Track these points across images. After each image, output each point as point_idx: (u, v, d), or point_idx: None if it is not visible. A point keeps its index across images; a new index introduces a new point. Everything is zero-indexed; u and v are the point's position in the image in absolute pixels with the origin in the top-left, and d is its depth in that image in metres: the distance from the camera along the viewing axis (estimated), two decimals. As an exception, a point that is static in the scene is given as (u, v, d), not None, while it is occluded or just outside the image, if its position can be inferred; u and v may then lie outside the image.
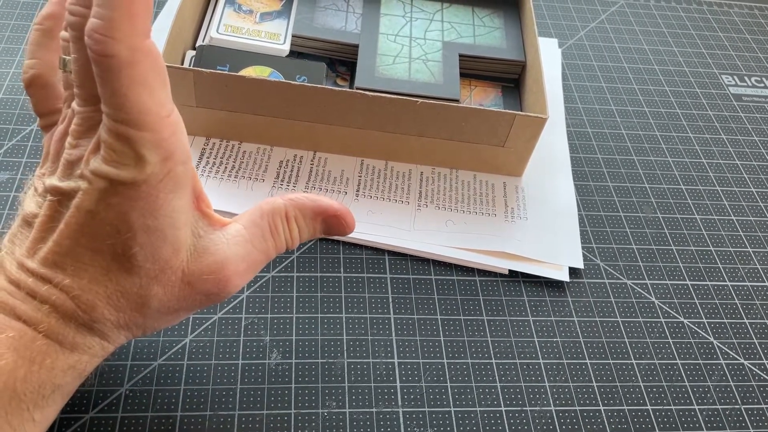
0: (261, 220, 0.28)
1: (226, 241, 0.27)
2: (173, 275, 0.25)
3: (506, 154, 0.43)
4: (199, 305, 0.27)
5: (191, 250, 0.26)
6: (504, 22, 0.50)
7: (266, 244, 0.28)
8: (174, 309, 0.26)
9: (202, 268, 0.26)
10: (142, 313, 0.26)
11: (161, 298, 0.26)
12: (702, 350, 0.38)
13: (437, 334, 0.36)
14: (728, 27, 0.61)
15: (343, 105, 0.40)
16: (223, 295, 0.27)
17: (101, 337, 0.26)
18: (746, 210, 0.45)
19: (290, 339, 0.35)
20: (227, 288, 0.27)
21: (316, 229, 0.29)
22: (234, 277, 0.27)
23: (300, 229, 0.29)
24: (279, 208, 0.28)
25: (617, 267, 0.41)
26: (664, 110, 0.52)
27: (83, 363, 0.25)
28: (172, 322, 0.28)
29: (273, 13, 0.47)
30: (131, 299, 0.25)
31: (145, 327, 0.27)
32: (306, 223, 0.29)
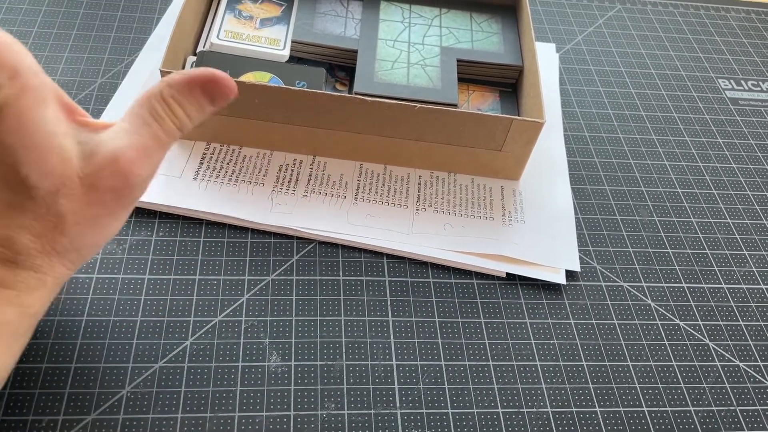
0: (139, 108, 0.28)
1: (111, 138, 0.27)
2: (72, 185, 0.26)
3: (504, 158, 0.43)
4: (115, 206, 0.27)
5: (81, 156, 0.26)
6: (502, 27, 0.50)
7: (151, 129, 0.28)
8: (92, 217, 0.27)
9: (97, 167, 0.26)
10: (62, 231, 0.26)
11: (72, 209, 0.26)
12: (698, 352, 0.38)
13: (435, 336, 0.36)
14: (725, 31, 0.62)
15: (342, 110, 0.41)
16: (130, 187, 0.27)
17: (33, 269, 0.26)
18: (742, 213, 0.46)
19: (290, 341, 0.35)
20: (130, 178, 0.27)
21: (200, 102, 0.29)
22: (130, 166, 0.27)
23: (183, 106, 0.28)
24: (154, 92, 0.28)
25: (614, 270, 0.41)
26: (660, 114, 0.52)
27: (22, 299, 0.26)
28: (103, 235, 0.28)
29: (273, 19, 0.48)
30: (44, 222, 0.25)
31: (76, 247, 0.27)
32: (185, 98, 0.28)
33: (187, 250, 0.38)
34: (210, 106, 0.29)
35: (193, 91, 0.29)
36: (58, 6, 0.52)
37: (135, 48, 0.49)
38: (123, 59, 0.48)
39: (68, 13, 0.51)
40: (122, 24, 0.51)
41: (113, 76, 0.47)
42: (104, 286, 0.36)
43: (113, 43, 0.50)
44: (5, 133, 0.24)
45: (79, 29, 0.50)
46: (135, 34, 0.50)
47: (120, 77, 0.47)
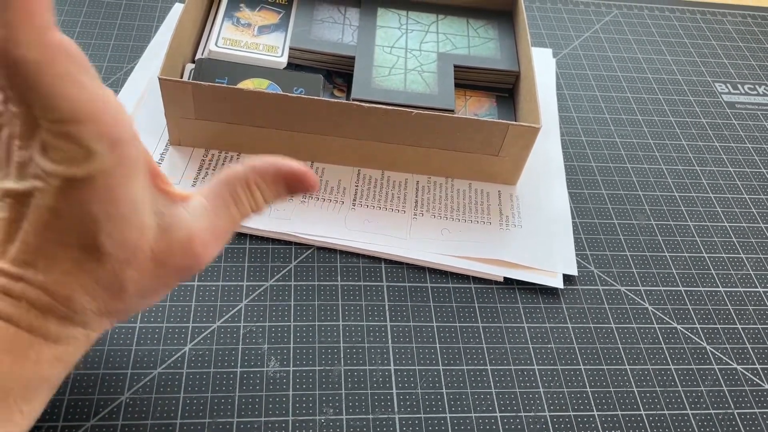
0: (222, 189, 0.28)
1: (190, 214, 0.27)
2: (143, 257, 0.25)
3: (501, 162, 0.43)
4: (175, 280, 0.27)
5: (157, 229, 0.26)
6: (498, 33, 0.50)
7: (230, 213, 0.28)
8: (152, 289, 0.27)
9: (171, 244, 0.26)
10: (121, 298, 0.26)
11: (136, 280, 0.26)
12: (695, 356, 0.38)
13: (433, 341, 0.37)
14: (721, 35, 0.62)
15: (340, 116, 0.41)
16: (196, 267, 0.27)
17: (84, 326, 0.26)
18: (739, 216, 0.46)
19: (288, 347, 0.35)
20: (198, 260, 0.27)
21: (280, 192, 0.29)
22: (203, 249, 0.27)
23: (263, 194, 0.29)
24: (239, 176, 0.28)
25: (611, 274, 0.41)
26: (657, 118, 0.52)
27: (69, 354, 0.26)
28: (153, 300, 0.28)
29: (271, 26, 0.48)
30: (107, 287, 0.25)
31: (127, 310, 0.27)
32: (268, 187, 0.29)
33: (185, 256, 0.38)
34: (287, 195, 0.30)
35: (277, 181, 0.29)
36: (57, 15, 0.52)
37: (134, 56, 0.50)
38: (122, 67, 0.49)
39: (67, 22, 0.52)
40: (121, 32, 0.52)
41: (112, 84, 0.47)
42: (103, 292, 0.36)
43: (112, 51, 0.50)
44: (92, 202, 0.24)
45: (78, 37, 0.50)
46: (134, 42, 0.51)
47: (119, 85, 0.47)
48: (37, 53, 0.20)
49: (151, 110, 0.45)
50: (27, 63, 0.20)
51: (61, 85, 0.21)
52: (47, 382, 0.25)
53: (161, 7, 0.54)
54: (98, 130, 0.22)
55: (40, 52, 0.20)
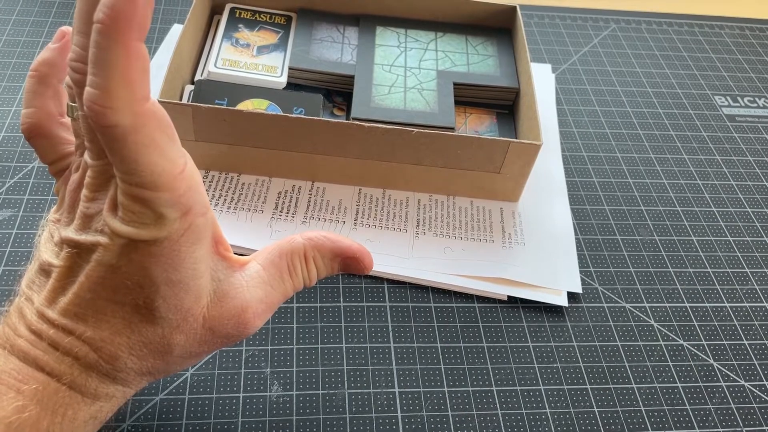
0: (280, 260, 0.28)
1: (246, 283, 0.27)
2: (195, 323, 0.25)
3: (502, 180, 0.43)
4: (219, 346, 0.27)
5: (212, 296, 0.26)
6: (497, 49, 0.50)
7: (284, 285, 0.28)
8: (196, 353, 0.27)
9: (223, 312, 0.26)
10: (165, 360, 0.26)
11: (183, 345, 0.26)
12: (702, 373, 0.38)
13: (437, 362, 0.36)
14: (720, 48, 0.62)
15: (340, 136, 0.41)
16: (243, 336, 0.27)
17: (123, 384, 0.26)
18: (743, 230, 0.46)
19: (291, 371, 0.35)
20: (247, 329, 0.27)
21: (334, 268, 0.29)
22: (254, 319, 0.27)
23: (318, 269, 0.29)
24: (298, 248, 0.28)
25: (615, 291, 0.41)
26: (658, 132, 0.52)
27: (105, 411, 0.26)
28: (194, 363, 0.28)
29: (270, 47, 0.48)
30: (153, 348, 0.25)
31: (167, 371, 0.27)
32: (324, 263, 0.29)
33: (186, 279, 0.38)
34: (339, 272, 0.30)
35: (334, 258, 0.29)
36: (57, 37, 0.52)
37: (133, 77, 0.50)
38: (121, 89, 0.49)
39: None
40: (120, 54, 0.52)
41: (112, 106, 0.47)
42: (104, 317, 0.36)
43: (111, 73, 0.50)
44: (155, 265, 0.23)
45: (78, 60, 0.50)
46: (133, 64, 0.51)
47: (118, 107, 0.47)
48: (130, 120, 0.21)
49: (150, 132, 0.45)
50: (120, 129, 0.21)
51: (146, 152, 0.21)
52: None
53: (159, 29, 0.54)
54: (172, 199, 0.22)
55: (133, 119, 0.21)
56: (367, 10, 0.51)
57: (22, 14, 0.54)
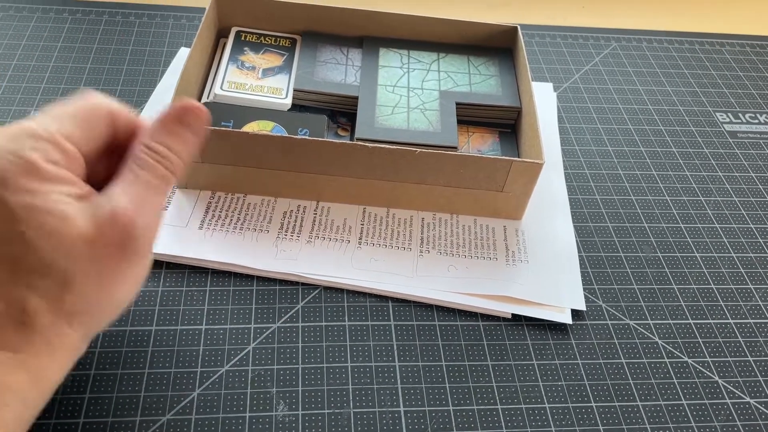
0: (126, 164, 0.29)
1: (108, 196, 0.28)
2: (72, 243, 0.26)
3: (505, 198, 0.44)
4: (119, 259, 0.27)
5: (83, 218, 0.27)
6: (499, 69, 0.51)
7: (142, 178, 0.29)
8: (97, 273, 0.27)
9: (97, 224, 0.27)
10: (69, 288, 0.26)
11: (76, 266, 0.26)
12: (707, 390, 0.38)
13: (442, 380, 0.36)
14: (720, 65, 0.63)
15: (345, 156, 0.41)
16: (132, 239, 0.27)
17: (41, 331, 0.26)
18: (746, 246, 0.46)
19: (296, 390, 0.35)
20: (130, 229, 0.27)
21: (182, 135, 0.31)
22: (129, 217, 0.27)
23: (168, 146, 0.30)
24: (134, 145, 0.30)
25: (619, 308, 0.41)
26: (660, 149, 0.53)
27: (31, 363, 0.26)
28: (111, 295, 0.28)
29: (275, 69, 0.49)
30: (50, 279, 0.26)
31: (85, 307, 0.27)
32: (166, 138, 0.30)
33: (193, 299, 0.38)
34: (191, 135, 0.31)
35: (169, 127, 0.30)
36: (65, 62, 0.53)
37: (141, 100, 0.50)
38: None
39: (75, 69, 0.53)
40: (128, 77, 0.52)
41: (119, 129, 0.48)
42: (111, 339, 0.36)
43: (119, 96, 0.51)
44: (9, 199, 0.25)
45: (86, 84, 0.51)
46: (141, 87, 0.52)
47: (126, 129, 0.48)
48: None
49: (157, 154, 0.46)
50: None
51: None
52: (14, 394, 0.25)
53: (167, 52, 0.55)
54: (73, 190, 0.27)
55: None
56: (370, 32, 0.52)
57: (32, 39, 0.55)
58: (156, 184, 0.29)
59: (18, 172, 0.26)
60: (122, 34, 0.57)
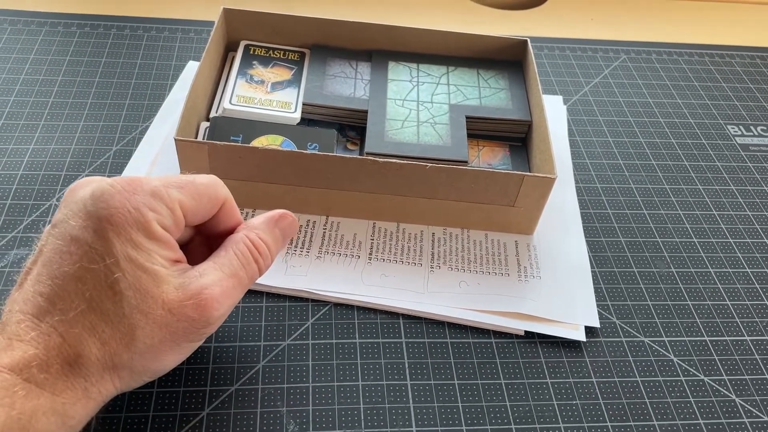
0: (226, 249, 0.31)
1: (199, 273, 0.29)
2: (154, 304, 0.27)
3: (517, 213, 0.43)
4: (183, 335, 0.28)
5: (169, 283, 0.28)
6: (509, 83, 0.51)
7: (234, 269, 0.30)
8: (159, 341, 0.28)
9: (180, 296, 0.28)
10: (128, 345, 0.27)
11: (144, 327, 0.27)
12: (724, 409, 0.37)
13: (455, 400, 0.36)
14: (731, 77, 0.62)
15: (354, 171, 0.41)
16: (205, 320, 0.29)
17: (84, 377, 0.26)
18: (761, 262, 0.45)
19: (307, 409, 0.35)
20: (208, 312, 0.28)
21: (277, 237, 0.33)
22: (212, 301, 0.29)
23: (266, 242, 0.32)
24: (239, 236, 0.32)
25: (633, 324, 0.41)
26: (671, 163, 0.52)
27: (67, 408, 0.26)
28: (160, 362, 0.29)
29: (284, 83, 0.48)
30: (115, 329, 0.27)
31: (131, 367, 0.28)
32: (267, 235, 0.33)
33: (202, 316, 0.38)
34: (283, 240, 0.34)
35: (272, 227, 0.33)
36: (74, 76, 0.53)
37: (149, 114, 0.50)
38: (138, 126, 0.49)
39: (83, 83, 0.52)
40: (136, 91, 0.52)
41: (128, 143, 0.48)
42: (120, 356, 0.36)
43: (128, 110, 0.51)
44: (116, 235, 0.27)
45: (95, 98, 0.51)
46: (149, 101, 0.52)
47: (135, 144, 0.48)
48: None
49: (166, 168, 0.45)
50: None
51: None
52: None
53: (175, 66, 0.55)
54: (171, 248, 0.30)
55: None
56: (379, 46, 0.52)
57: (40, 53, 0.55)
58: (243, 281, 0.31)
59: (133, 225, 0.27)
60: (130, 48, 0.57)
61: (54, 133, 0.48)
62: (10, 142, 0.47)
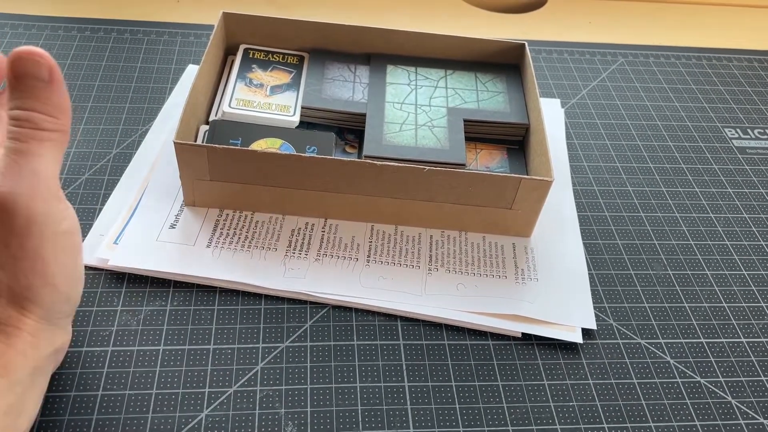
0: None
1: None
2: None
3: (514, 216, 0.43)
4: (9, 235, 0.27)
5: None
6: (506, 86, 0.51)
7: (7, 147, 0.27)
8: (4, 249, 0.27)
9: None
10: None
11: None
12: (721, 410, 0.37)
13: (452, 401, 0.36)
14: (728, 80, 0.63)
15: (353, 174, 0.41)
16: (11, 212, 0.27)
17: None
18: (757, 264, 0.46)
19: (305, 411, 0.35)
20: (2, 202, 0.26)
21: (27, 88, 0.28)
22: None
23: (18, 106, 0.28)
24: None
25: (630, 326, 0.41)
26: (669, 165, 0.53)
27: None
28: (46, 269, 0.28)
29: (283, 86, 0.49)
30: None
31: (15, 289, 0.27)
32: (12, 95, 0.28)
33: (201, 318, 0.38)
34: (39, 81, 0.28)
35: (14, 87, 0.28)
36: (74, 79, 0.53)
37: (149, 117, 0.51)
38: (138, 129, 0.50)
39: (84, 86, 0.53)
40: (136, 95, 0.53)
41: (128, 146, 0.48)
42: (119, 359, 0.36)
43: (127, 113, 0.51)
44: None
45: (94, 101, 0.52)
46: (149, 104, 0.52)
47: (135, 147, 0.48)
48: None
49: (165, 172, 0.46)
50: None
51: None
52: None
53: (175, 69, 0.56)
54: None
55: None
56: (377, 49, 0.52)
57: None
58: (28, 148, 0.27)
59: None
60: (130, 52, 0.57)
61: (54, 137, 0.48)
62: (10, 145, 0.47)
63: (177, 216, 0.43)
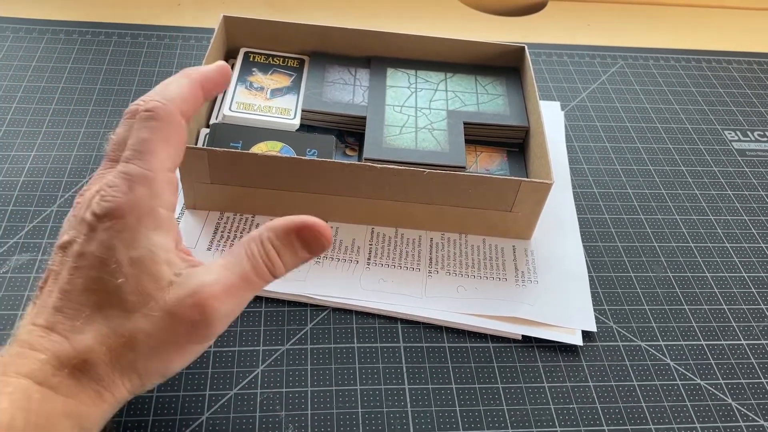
0: (237, 247, 0.30)
1: (203, 272, 0.28)
2: (155, 305, 0.27)
3: (514, 218, 0.43)
4: (187, 337, 0.28)
5: (171, 284, 0.27)
6: (506, 89, 0.51)
7: (241, 267, 0.29)
8: (162, 343, 0.27)
9: (181, 295, 0.27)
10: (132, 347, 0.27)
11: (147, 329, 0.27)
12: (721, 413, 0.37)
13: (453, 404, 0.36)
14: (728, 83, 0.63)
15: (353, 177, 0.41)
16: (206, 321, 0.27)
17: (96, 381, 0.26)
18: (757, 266, 0.46)
19: (306, 413, 0.35)
20: (207, 312, 0.27)
21: (296, 247, 0.30)
22: (211, 300, 0.27)
23: (277, 250, 0.29)
24: (253, 235, 0.30)
25: (630, 329, 0.41)
26: (668, 168, 0.53)
27: (80, 410, 0.26)
28: (167, 365, 0.28)
29: (283, 89, 0.49)
30: (120, 333, 0.27)
31: (139, 369, 0.27)
32: (281, 242, 0.29)
33: (202, 321, 0.38)
34: (305, 253, 0.30)
35: (289, 236, 0.30)
36: (75, 83, 0.53)
37: (149, 121, 0.51)
38: (138, 132, 0.50)
39: (85, 90, 0.53)
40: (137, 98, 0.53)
41: (128, 150, 0.48)
42: (120, 361, 0.36)
43: (128, 116, 0.51)
44: (118, 242, 0.27)
45: (96, 105, 0.52)
46: (149, 107, 0.52)
47: (135, 150, 0.48)
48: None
49: (166, 175, 0.46)
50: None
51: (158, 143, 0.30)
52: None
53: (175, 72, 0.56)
54: (150, 179, 0.28)
55: None
56: (377, 53, 0.52)
57: (42, 60, 0.55)
58: (251, 280, 0.29)
59: (135, 224, 0.28)
60: (131, 55, 0.57)
61: (55, 140, 0.48)
62: (11, 148, 0.47)
63: (178, 219, 0.43)
